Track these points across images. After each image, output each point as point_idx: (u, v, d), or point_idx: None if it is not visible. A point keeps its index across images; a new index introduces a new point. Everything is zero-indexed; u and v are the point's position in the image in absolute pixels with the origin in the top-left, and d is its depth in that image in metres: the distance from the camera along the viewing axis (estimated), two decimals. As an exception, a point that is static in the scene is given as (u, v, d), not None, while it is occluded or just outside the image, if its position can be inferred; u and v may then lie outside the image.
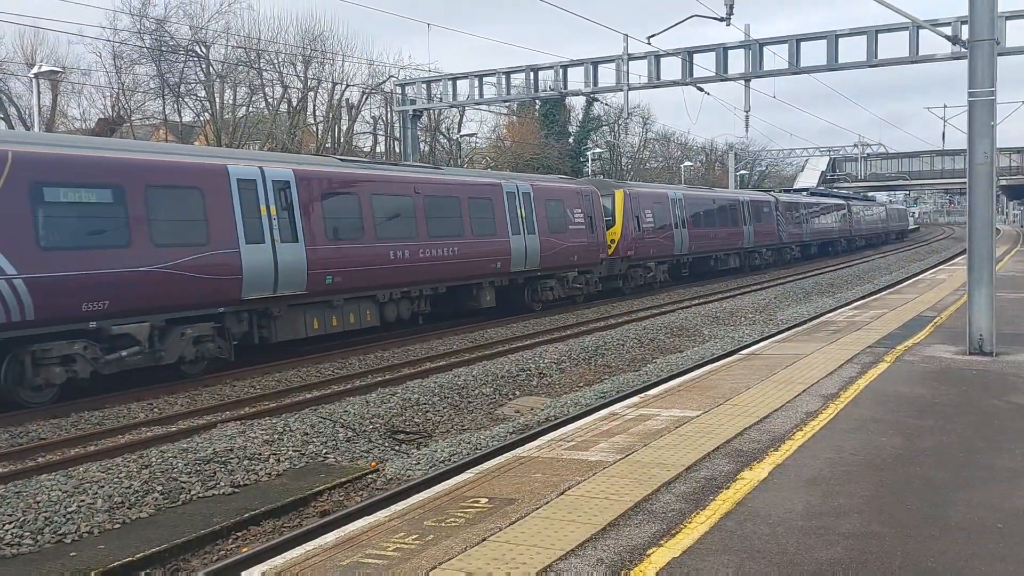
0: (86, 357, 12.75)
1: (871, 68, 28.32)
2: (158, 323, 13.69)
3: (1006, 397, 9.42)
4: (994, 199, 12.25)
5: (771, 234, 41.49)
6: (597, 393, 13.78)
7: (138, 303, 13.22)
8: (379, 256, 17.89)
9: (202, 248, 14.24)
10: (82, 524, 8.19)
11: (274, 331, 15.97)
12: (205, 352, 14.64)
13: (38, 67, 27.66)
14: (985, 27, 11.77)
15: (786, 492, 6.28)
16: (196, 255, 14.11)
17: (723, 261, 36.58)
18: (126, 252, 13.07)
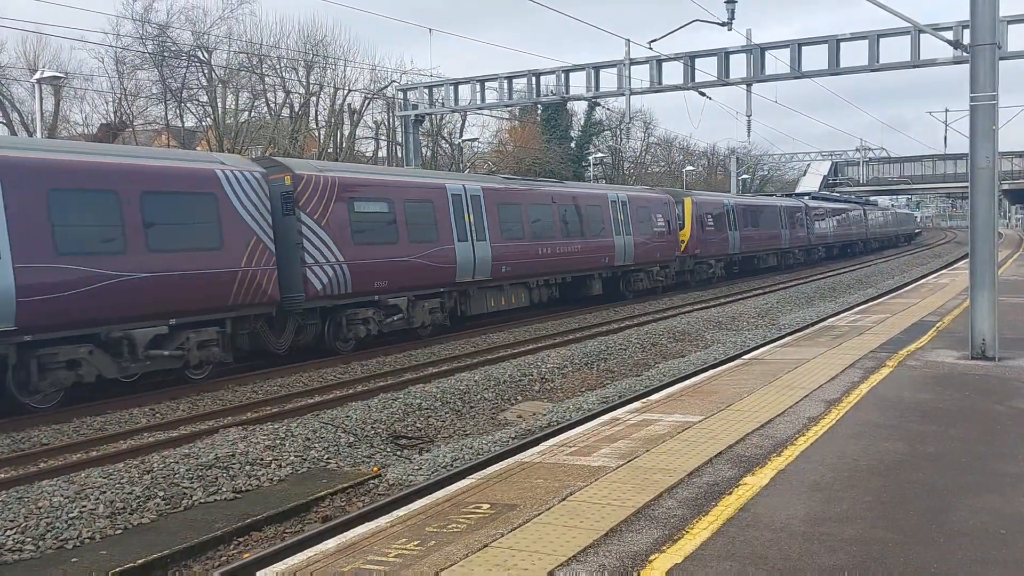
0: (375, 320, 18.45)
1: (873, 72, 28.30)
2: (411, 298, 19.32)
3: (1009, 402, 9.39)
4: (996, 203, 12.24)
5: (802, 237, 46.44)
6: (599, 398, 13.76)
7: (401, 283, 18.92)
8: (532, 251, 23.54)
9: (434, 244, 19.91)
10: (84, 530, 8.18)
11: (469, 307, 21.60)
12: (436, 320, 20.31)
13: (40, 72, 27.71)
14: (987, 31, 11.77)
15: (789, 498, 6.26)
16: (432, 249, 19.82)
17: (764, 260, 41.46)
18: (395, 247, 18.87)
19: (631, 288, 29.12)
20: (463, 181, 22.18)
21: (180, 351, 14.22)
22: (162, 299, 13.73)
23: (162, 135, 41.34)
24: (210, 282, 14.56)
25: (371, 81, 46.29)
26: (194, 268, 14.28)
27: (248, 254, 15.26)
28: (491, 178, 25.95)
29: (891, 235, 73.04)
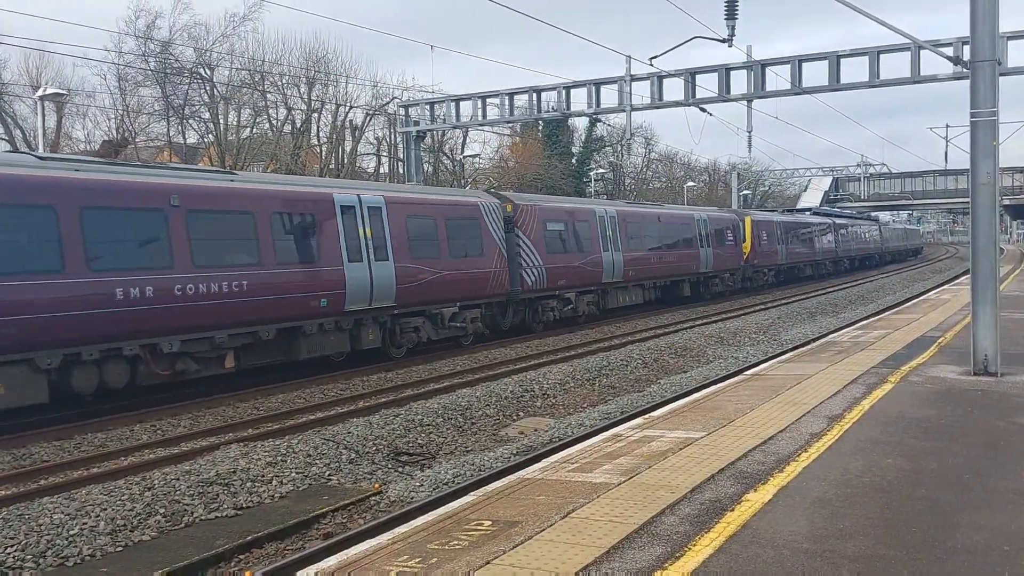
0: (557, 308, 24.87)
1: (873, 88, 28.37)
2: (576, 293, 25.54)
3: (1011, 418, 9.37)
4: (997, 219, 12.25)
5: (831, 250, 53.01)
6: (601, 414, 13.73)
7: (572, 281, 25.23)
8: (648, 260, 29.68)
9: (592, 253, 26.26)
10: (84, 547, 8.16)
11: (606, 303, 27.45)
12: (590, 310, 26.52)
13: (43, 90, 27.81)
14: (987, 48, 11.82)
15: (791, 514, 6.24)
16: (590, 257, 26.11)
17: (802, 270, 47.67)
18: (569, 256, 25.26)
19: (709, 291, 35.22)
20: (606, 206, 28.97)
21: (462, 324, 20.69)
22: (455, 290, 20.38)
23: (164, 151, 41.48)
24: (478, 278, 21.25)
25: (373, 97, 46.50)
26: (471, 269, 20.99)
27: (496, 260, 21.94)
28: (621, 203, 33.92)
29: (901, 249, 79.84)
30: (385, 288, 17.98)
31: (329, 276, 16.81)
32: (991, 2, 11.77)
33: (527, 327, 23.90)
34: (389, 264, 18.14)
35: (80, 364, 12.85)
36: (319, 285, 16.57)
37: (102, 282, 13.02)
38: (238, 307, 14.95)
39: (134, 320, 13.35)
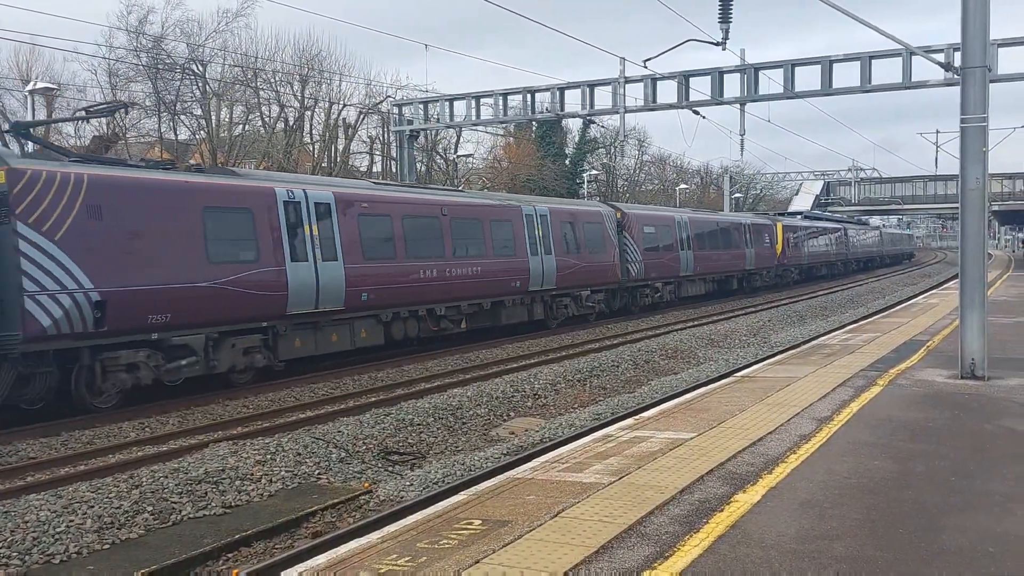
0: (651, 296, 30.43)
1: (865, 93, 28.54)
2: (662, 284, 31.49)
3: (998, 421, 9.43)
4: (986, 224, 12.32)
5: (843, 252, 59.88)
6: (591, 415, 13.76)
7: (663, 274, 31.25)
8: (710, 257, 35.56)
9: (673, 252, 32.07)
10: (71, 544, 8.13)
11: (680, 292, 33.35)
12: (670, 298, 32.12)
13: (33, 83, 27.73)
14: (977, 54, 11.89)
15: (779, 515, 6.27)
16: (672, 255, 31.95)
17: (817, 269, 53.77)
18: (660, 253, 30.75)
19: (751, 285, 40.95)
20: (681, 213, 34.53)
21: (592, 304, 26.78)
22: (589, 278, 26.46)
23: (155, 147, 41.33)
24: (603, 270, 27.37)
25: (366, 96, 46.39)
26: (599, 263, 27.02)
27: (613, 256, 27.90)
28: (688, 210, 39.54)
29: (897, 252, 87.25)
30: (550, 275, 24.47)
31: (520, 266, 23.10)
32: (982, 9, 11.84)
33: (627, 309, 29.80)
34: (552, 258, 24.62)
35: (398, 319, 19.09)
36: (514, 272, 22.91)
37: (413, 266, 19.34)
38: (473, 286, 21.31)
39: (425, 292, 19.70)
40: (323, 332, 17.14)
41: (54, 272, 12.51)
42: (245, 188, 15.76)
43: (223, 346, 15.05)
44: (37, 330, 12.27)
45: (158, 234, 13.91)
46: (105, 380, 13.37)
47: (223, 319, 14.92)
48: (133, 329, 13.53)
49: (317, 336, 17.00)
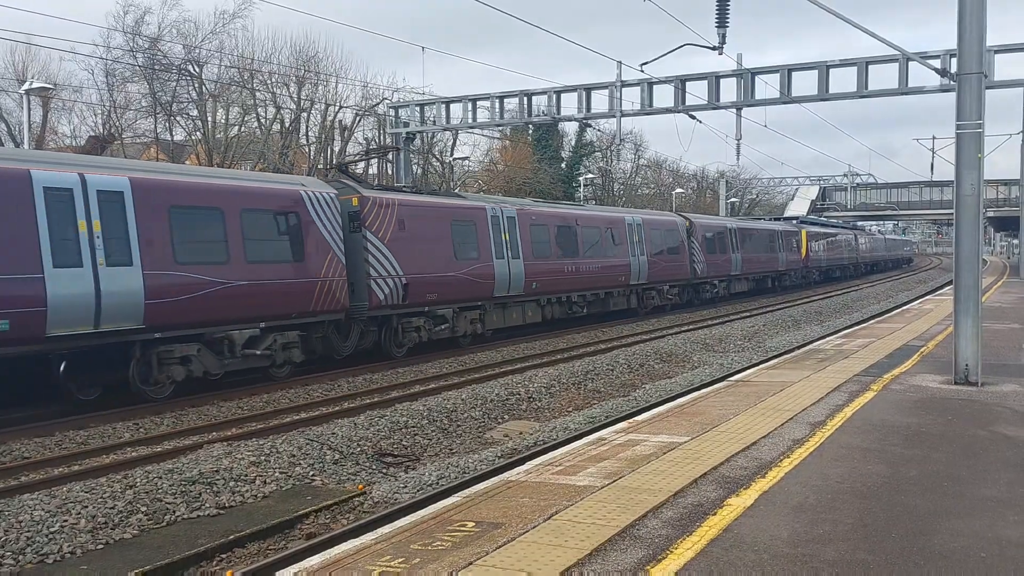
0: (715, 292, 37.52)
1: (861, 99, 28.57)
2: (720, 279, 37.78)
3: (991, 427, 9.47)
4: (981, 230, 12.37)
5: (855, 256, 66.35)
6: (586, 418, 13.77)
7: (720, 273, 37.24)
8: (752, 260, 41.08)
9: (727, 255, 37.52)
10: (64, 544, 8.12)
11: (731, 289, 39.15)
12: (724, 294, 38.11)
13: (29, 83, 27.66)
14: (974, 60, 11.94)
15: (772, 519, 6.29)
16: (724, 257, 37.68)
17: (833, 271, 59.59)
18: (717, 256, 36.76)
19: (782, 284, 47.63)
20: (730, 222, 41.02)
21: (671, 297, 32.83)
22: (668, 275, 32.33)
23: (151, 148, 41.30)
24: (678, 268, 33.25)
25: (362, 98, 46.40)
26: (675, 262, 33.01)
27: (686, 256, 34.04)
28: (733, 220, 44.68)
29: (898, 257, 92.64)
30: (644, 272, 30.48)
31: (623, 263, 29.23)
32: (978, 16, 11.90)
33: (691, 303, 35.38)
34: (645, 258, 30.55)
35: (549, 303, 25.00)
36: (621, 270, 29.05)
37: (561, 264, 25.42)
38: (595, 279, 27.32)
39: (567, 283, 25.71)
40: (508, 311, 23.31)
41: (384, 264, 18.74)
42: (471, 207, 22.19)
43: (460, 317, 21.39)
44: (376, 302, 18.56)
45: (430, 240, 20.13)
46: (404, 337, 19.79)
47: (461, 298, 21.21)
48: (419, 303, 19.87)
49: (505, 313, 23.15)
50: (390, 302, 18.78)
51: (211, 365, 15.06)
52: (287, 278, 16.38)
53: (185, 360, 14.67)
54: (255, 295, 15.62)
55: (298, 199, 16.87)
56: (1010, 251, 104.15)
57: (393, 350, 19.42)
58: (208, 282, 14.81)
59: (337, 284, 17.45)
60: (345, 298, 17.62)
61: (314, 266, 16.90)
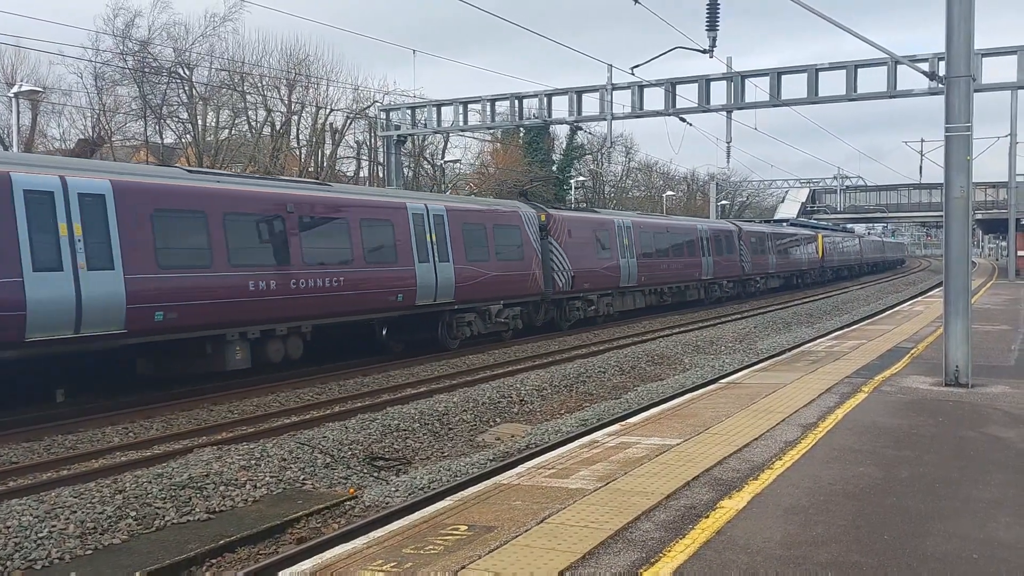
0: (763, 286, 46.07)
1: (850, 102, 28.73)
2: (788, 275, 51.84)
3: (981, 428, 9.50)
4: (970, 233, 12.41)
5: (859, 257, 74.38)
6: (578, 421, 13.76)
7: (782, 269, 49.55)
8: (788, 261, 49.47)
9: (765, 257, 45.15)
10: (53, 550, 8.05)
11: (767, 284, 46.26)
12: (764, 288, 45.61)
13: (18, 86, 27.54)
14: (962, 64, 12.00)
15: (765, 521, 6.29)
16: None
17: (842, 270, 66.82)
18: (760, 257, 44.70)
19: (804, 281, 53.78)
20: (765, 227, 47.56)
21: (728, 290, 39.78)
22: (725, 272, 38.90)
23: (140, 151, 41.13)
24: (732, 265, 39.86)
25: (353, 101, 46.29)
26: (731, 261, 39.41)
27: (738, 256, 40.27)
28: (767, 226, 50.39)
29: (892, 259, 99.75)
30: (711, 269, 37.55)
31: (697, 263, 36.36)
32: (966, 19, 11.95)
33: (740, 296, 41.87)
34: (711, 258, 37.48)
35: (651, 294, 32.53)
36: (696, 266, 36.37)
37: (659, 262, 33.05)
38: (679, 274, 34.70)
39: (661, 278, 32.93)
40: (625, 298, 30.55)
41: (562, 262, 25.99)
42: (605, 219, 30.16)
43: (601, 300, 28.69)
44: (557, 288, 25.77)
45: (584, 244, 27.57)
46: (570, 313, 27.07)
47: (604, 287, 28.81)
48: (579, 291, 27.19)
49: (623, 299, 30.47)
50: (564, 289, 26.16)
51: (480, 328, 22.56)
52: (517, 271, 23.95)
53: (470, 324, 22.18)
54: (503, 283, 23.14)
55: (519, 216, 24.57)
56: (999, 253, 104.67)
57: (563, 324, 26.86)
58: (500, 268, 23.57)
59: (539, 276, 24.87)
60: (542, 285, 25.07)
61: (529, 263, 24.44)
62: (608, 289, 28.98)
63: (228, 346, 15.43)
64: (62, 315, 12.74)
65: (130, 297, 13.61)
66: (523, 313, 24.35)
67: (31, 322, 12.38)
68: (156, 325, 14.07)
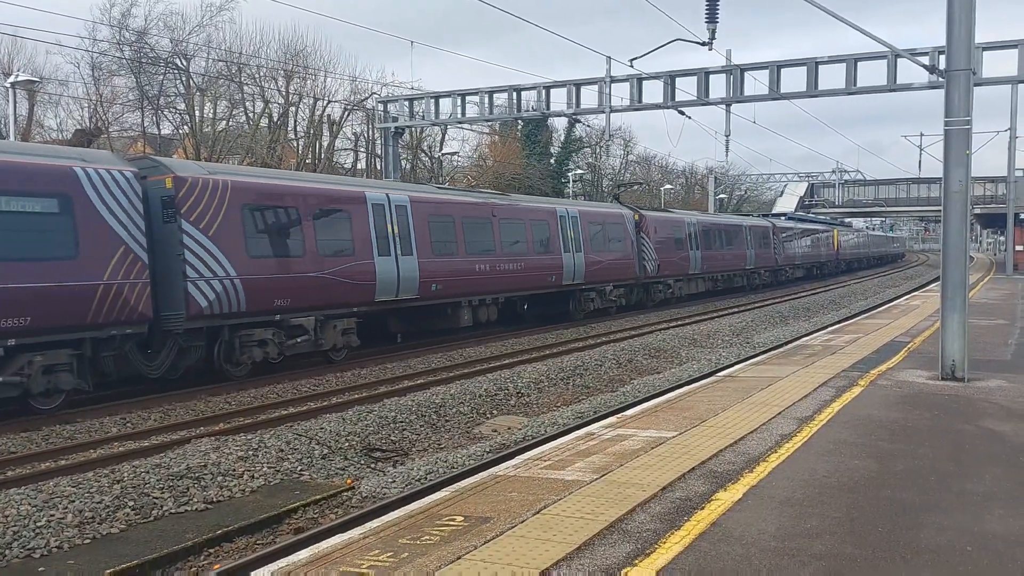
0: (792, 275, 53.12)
1: (850, 96, 28.67)
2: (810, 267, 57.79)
3: (977, 422, 9.53)
4: (968, 227, 12.42)
5: (866, 251, 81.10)
6: (574, 413, 13.79)
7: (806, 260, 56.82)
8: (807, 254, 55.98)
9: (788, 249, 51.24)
10: (51, 539, 8.08)
11: (789, 276, 51.61)
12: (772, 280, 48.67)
13: (15, 76, 27.46)
14: (962, 57, 11.99)
15: (760, 513, 6.31)
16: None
17: (852, 263, 72.26)
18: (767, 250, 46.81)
19: (822, 272, 59.65)
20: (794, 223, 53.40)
21: (767, 278, 46.61)
22: (762, 263, 45.41)
23: (137, 142, 41.04)
24: (768, 256, 46.15)
25: (351, 92, 46.23)
26: (765, 254, 45.57)
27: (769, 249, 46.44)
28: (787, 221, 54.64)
29: (895, 252, 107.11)
30: (753, 260, 42.57)
31: (742, 254, 41.72)
32: (967, 13, 11.94)
33: (771, 284, 47.10)
34: (753, 251, 42.93)
35: (712, 280, 38.57)
36: (740, 258, 41.47)
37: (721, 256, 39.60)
38: (727, 264, 39.74)
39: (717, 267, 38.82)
40: (691, 283, 35.95)
41: (650, 253, 31.60)
42: (679, 218, 35.99)
43: (676, 284, 34.26)
44: (646, 275, 31.64)
45: (665, 239, 33.03)
46: (655, 295, 33.04)
47: (679, 274, 34.38)
48: (662, 276, 33.17)
49: (690, 284, 35.71)
50: (652, 275, 32.14)
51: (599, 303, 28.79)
52: (622, 260, 29.99)
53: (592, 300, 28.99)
54: (614, 268, 29.29)
55: (623, 217, 30.82)
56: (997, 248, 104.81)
57: (650, 303, 32.62)
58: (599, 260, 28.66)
59: (635, 264, 30.99)
60: (637, 271, 31.06)
61: (629, 253, 30.53)
62: (681, 275, 34.96)
63: (462, 310, 21.82)
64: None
65: (422, 274, 19.94)
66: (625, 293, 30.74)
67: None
68: (432, 293, 20.47)
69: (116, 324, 13.45)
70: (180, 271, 14.47)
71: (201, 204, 14.85)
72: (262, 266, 15.92)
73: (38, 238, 12.63)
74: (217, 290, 14.99)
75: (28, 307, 12.33)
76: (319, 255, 17.15)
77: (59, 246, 12.85)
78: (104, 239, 13.31)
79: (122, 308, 13.45)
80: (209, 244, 14.91)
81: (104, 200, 13.38)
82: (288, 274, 16.46)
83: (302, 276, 16.73)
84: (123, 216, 13.61)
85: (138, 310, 13.72)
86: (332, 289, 17.38)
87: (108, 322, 13.32)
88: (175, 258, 14.51)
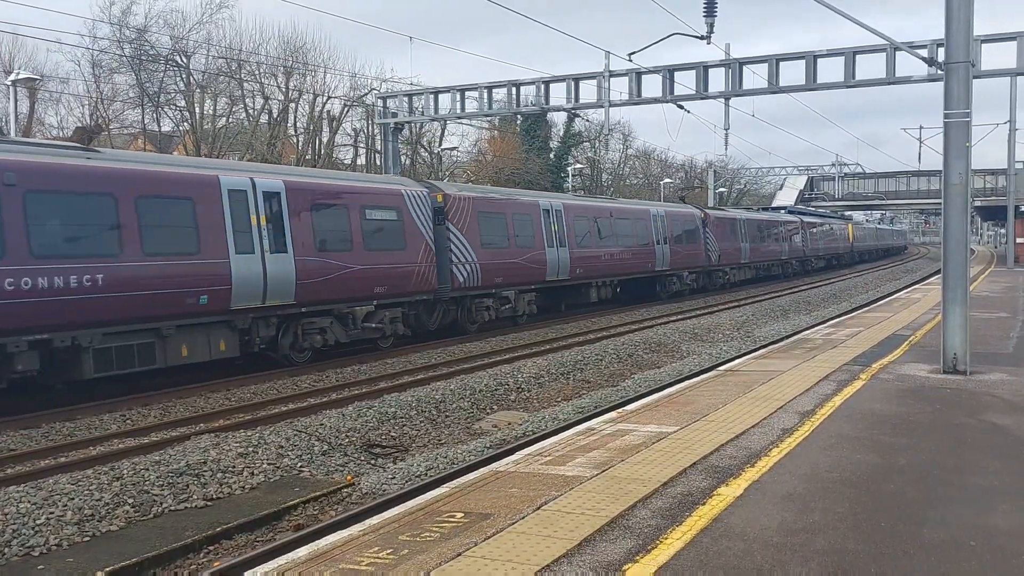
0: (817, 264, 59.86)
1: (849, 89, 28.55)
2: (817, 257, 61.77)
3: (979, 416, 9.50)
4: (969, 220, 12.38)
5: (876, 243, 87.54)
6: (575, 408, 13.76)
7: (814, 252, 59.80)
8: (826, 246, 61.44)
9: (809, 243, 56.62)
10: (51, 537, 8.06)
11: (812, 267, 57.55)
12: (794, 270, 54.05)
13: (16, 74, 27.41)
14: (961, 50, 11.94)
15: (762, 508, 6.28)
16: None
17: (863, 254, 77.28)
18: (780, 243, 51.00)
19: (840, 263, 64.78)
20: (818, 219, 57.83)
21: (796, 266, 52.52)
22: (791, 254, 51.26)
23: (138, 139, 40.99)
24: (797, 248, 51.79)
25: (351, 88, 46.17)
26: (794, 245, 51.58)
27: (805, 242, 53.30)
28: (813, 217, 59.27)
29: (900, 244, 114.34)
30: (786, 252, 49.19)
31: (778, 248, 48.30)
32: (966, 5, 11.89)
33: (799, 272, 52.93)
34: (788, 244, 48.08)
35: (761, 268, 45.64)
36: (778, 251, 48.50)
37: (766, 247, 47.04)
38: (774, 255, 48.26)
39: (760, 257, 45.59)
40: (741, 271, 41.38)
41: (713, 244, 38.21)
42: (732, 215, 41.23)
43: (731, 272, 39.89)
44: (711, 263, 37.97)
45: (723, 233, 38.51)
46: (716, 281, 38.96)
47: (733, 263, 40.28)
48: (721, 265, 39.17)
49: (740, 272, 41.39)
50: (714, 263, 38.10)
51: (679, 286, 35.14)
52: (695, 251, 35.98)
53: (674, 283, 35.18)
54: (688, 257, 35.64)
55: (695, 217, 36.60)
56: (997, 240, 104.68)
57: (711, 287, 38.53)
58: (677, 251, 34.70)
59: (703, 253, 36.71)
60: (704, 259, 36.56)
61: (700, 243, 36.33)
62: (735, 264, 41.30)
63: (592, 289, 28.10)
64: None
65: (572, 261, 26.20)
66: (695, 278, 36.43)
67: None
68: (576, 276, 26.90)
69: (420, 292, 19.99)
70: (447, 257, 20.98)
71: (456, 211, 21.47)
72: (490, 254, 22.40)
73: (391, 236, 19.13)
74: (467, 271, 21.50)
75: (386, 280, 18.79)
76: (517, 247, 23.72)
77: (399, 241, 19.30)
78: (417, 236, 19.78)
79: (424, 281, 19.97)
80: (462, 238, 21.42)
81: (415, 211, 19.84)
82: (501, 260, 22.87)
83: (508, 262, 23.22)
84: (425, 221, 20.06)
85: (431, 283, 20.25)
86: (522, 271, 23.91)
87: (418, 290, 19.85)
88: (444, 249, 20.74)
